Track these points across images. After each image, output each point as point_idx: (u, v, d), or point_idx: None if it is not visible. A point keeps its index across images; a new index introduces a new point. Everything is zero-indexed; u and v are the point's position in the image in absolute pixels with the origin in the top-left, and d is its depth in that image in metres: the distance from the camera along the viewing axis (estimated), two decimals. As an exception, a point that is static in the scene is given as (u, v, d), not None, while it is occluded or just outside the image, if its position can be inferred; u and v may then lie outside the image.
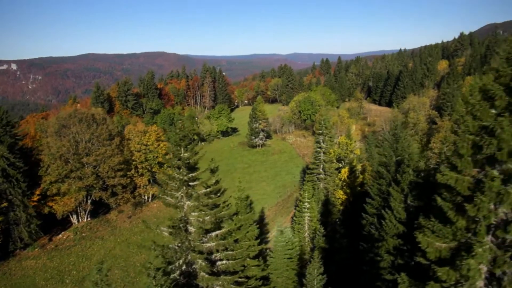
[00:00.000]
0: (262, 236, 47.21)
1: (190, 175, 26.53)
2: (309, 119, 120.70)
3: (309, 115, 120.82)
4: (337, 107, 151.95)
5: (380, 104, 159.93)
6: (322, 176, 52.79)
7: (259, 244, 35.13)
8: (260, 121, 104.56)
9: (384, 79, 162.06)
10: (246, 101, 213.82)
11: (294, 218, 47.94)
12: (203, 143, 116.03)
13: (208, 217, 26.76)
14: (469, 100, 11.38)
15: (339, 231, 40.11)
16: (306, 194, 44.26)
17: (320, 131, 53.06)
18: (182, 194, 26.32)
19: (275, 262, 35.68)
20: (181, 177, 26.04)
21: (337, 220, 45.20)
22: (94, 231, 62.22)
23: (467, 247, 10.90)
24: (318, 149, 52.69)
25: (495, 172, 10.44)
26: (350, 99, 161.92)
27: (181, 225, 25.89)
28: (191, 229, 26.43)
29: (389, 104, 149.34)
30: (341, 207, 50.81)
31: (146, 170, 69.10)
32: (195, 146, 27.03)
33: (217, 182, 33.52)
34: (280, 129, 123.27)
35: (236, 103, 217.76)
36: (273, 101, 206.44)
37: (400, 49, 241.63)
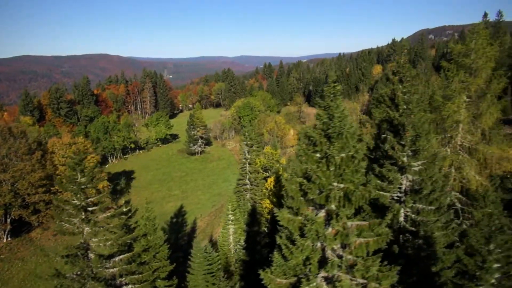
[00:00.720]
0: (190, 249, 46.79)
1: (88, 200, 25.68)
2: (249, 124, 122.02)
3: (249, 121, 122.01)
4: (278, 112, 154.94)
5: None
6: (248, 186, 53.44)
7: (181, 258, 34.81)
8: (198, 128, 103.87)
9: (322, 83, 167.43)
10: (190, 106, 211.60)
11: (221, 230, 48.09)
12: (141, 151, 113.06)
13: (110, 242, 26.09)
14: (299, 143, 12.10)
15: (259, 241, 40.65)
16: (230, 206, 44.57)
17: (245, 142, 53.72)
18: (80, 220, 25.42)
19: (195, 278, 35.50)
20: (78, 203, 25.15)
21: (261, 230, 45.83)
22: (15, 251, 58.41)
23: (305, 281, 11.53)
24: (244, 160, 53.32)
25: (313, 215, 11.17)
26: (291, 103, 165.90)
27: (79, 253, 25.02)
28: (92, 255, 25.62)
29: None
30: (269, 217, 51.61)
31: (88, 177, 65.91)
32: (92, 170, 26.19)
33: (126, 202, 32.83)
34: (221, 135, 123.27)
35: (180, 108, 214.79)
36: (218, 105, 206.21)
37: (340, 54, 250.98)
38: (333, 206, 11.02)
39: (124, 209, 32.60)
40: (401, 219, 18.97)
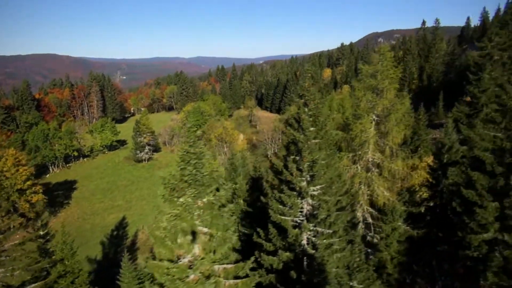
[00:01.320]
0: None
1: (-8, 227, 24.11)
2: (199, 129, 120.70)
3: (199, 126, 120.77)
4: (230, 116, 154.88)
5: (271, 111, 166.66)
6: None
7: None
8: (144, 135, 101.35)
9: (274, 87, 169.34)
10: (142, 109, 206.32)
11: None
12: (85, 159, 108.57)
13: (18, 271, 24.64)
14: (161, 189, 11.97)
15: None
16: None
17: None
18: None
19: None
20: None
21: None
22: None
23: None
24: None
25: (177, 260, 11.22)
26: (244, 107, 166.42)
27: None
28: (-3, 288, 24.07)
29: (279, 111, 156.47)
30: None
31: (3, 200, 61.94)
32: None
33: (43, 225, 31.25)
34: (170, 140, 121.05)
35: (132, 111, 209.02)
36: (170, 108, 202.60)
37: (292, 56, 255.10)
38: (196, 251, 10.90)
39: (41, 232, 31.04)
40: (304, 242, 19.31)
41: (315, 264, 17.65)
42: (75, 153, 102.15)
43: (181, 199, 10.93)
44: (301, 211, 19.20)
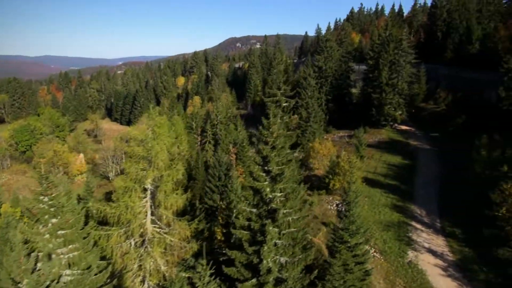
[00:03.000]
0: None
1: None
2: (30, 150, 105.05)
3: (29, 146, 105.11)
4: (72, 130, 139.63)
5: (121, 123, 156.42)
6: None
7: None
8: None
9: (123, 97, 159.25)
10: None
11: None
12: None
13: None
14: None
15: None
16: None
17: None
18: None
19: None
20: None
21: None
22: None
23: None
24: None
25: None
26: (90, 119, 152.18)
27: None
28: None
29: (129, 123, 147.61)
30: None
31: None
32: None
33: None
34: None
35: None
36: (2, 121, 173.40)
37: (147, 63, 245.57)
38: None
39: None
40: None
41: None
42: None
43: None
44: None
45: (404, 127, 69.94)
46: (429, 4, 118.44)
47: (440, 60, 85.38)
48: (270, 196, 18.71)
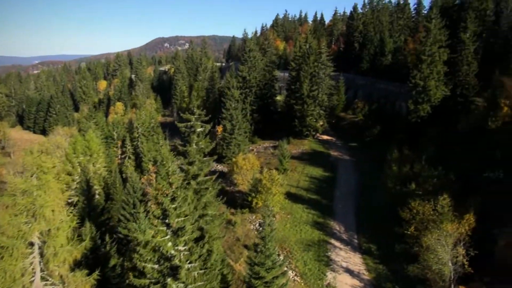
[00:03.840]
0: None
1: None
2: None
3: None
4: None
5: (35, 132, 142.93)
6: None
7: None
8: None
9: (36, 103, 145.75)
10: None
11: None
12: None
13: None
14: None
15: None
16: None
17: None
18: None
19: None
20: None
21: None
22: None
23: None
24: None
25: None
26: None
27: None
28: None
29: (44, 132, 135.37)
30: None
31: None
32: None
33: None
34: None
35: None
36: None
37: (65, 64, 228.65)
38: None
39: None
40: None
41: None
42: None
43: None
44: None
45: (325, 137, 72.16)
46: (348, 13, 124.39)
47: (358, 70, 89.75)
48: (172, 251, 17.18)
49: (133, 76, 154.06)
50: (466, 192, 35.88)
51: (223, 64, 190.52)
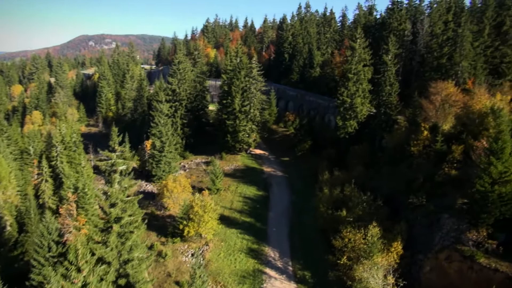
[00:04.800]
0: None
1: None
2: None
3: None
4: None
5: None
6: None
7: None
8: None
9: None
10: None
11: None
12: None
13: None
14: None
15: None
16: None
17: None
18: None
19: None
20: None
21: None
22: None
23: None
24: None
25: None
26: None
27: None
28: None
29: None
30: None
31: None
32: None
33: None
34: None
35: None
36: None
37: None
38: None
39: None
40: None
41: None
42: None
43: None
44: None
45: (258, 151, 71.77)
46: (277, 21, 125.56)
47: (288, 81, 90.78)
48: None
49: (52, 80, 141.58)
50: (393, 217, 37.18)
51: (153, 67, 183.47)
